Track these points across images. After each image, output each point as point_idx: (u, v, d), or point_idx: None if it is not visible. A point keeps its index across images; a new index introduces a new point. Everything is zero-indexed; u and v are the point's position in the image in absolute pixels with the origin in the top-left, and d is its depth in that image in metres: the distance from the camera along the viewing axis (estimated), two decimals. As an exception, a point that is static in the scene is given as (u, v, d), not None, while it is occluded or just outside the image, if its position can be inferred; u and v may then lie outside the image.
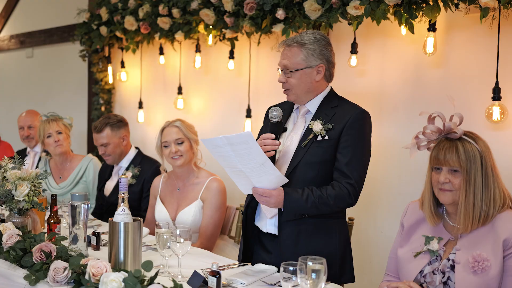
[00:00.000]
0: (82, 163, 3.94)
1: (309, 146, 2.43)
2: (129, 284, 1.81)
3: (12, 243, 2.31)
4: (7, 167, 2.58)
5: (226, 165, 2.37)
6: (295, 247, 2.42)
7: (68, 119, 3.96)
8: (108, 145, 3.65)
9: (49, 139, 3.82)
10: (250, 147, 2.20)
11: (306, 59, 2.44)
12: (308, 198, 2.34)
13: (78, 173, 3.91)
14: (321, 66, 2.46)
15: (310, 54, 2.44)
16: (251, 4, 3.66)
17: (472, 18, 3.01)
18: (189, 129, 3.20)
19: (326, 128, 2.42)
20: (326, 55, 2.48)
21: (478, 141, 2.09)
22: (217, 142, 2.26)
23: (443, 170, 2.08)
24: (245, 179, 2.36)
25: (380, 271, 2.53)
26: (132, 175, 3.62)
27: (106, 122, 3.67)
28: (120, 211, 2.17)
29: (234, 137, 2.21)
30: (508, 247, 2.01)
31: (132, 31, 4.64)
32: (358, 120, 2.42)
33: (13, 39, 6.61)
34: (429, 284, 2.11)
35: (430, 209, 2.16)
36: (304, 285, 1.80)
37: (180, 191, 3.20)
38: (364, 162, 2.43)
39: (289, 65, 2.46)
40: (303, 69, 2.45)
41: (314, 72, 2.46)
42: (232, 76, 4.29)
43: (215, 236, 3.13)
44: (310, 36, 2.47)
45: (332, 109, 2.47)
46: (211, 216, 3.09)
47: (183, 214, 3.11)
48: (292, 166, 2.44)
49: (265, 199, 2.35)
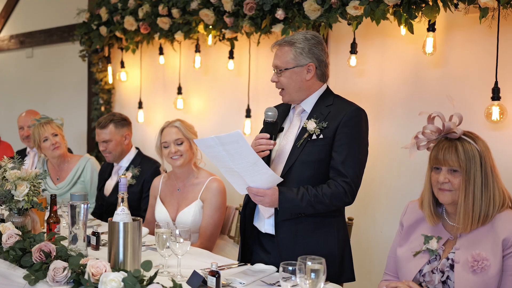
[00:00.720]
0: (80, 163, 3.94)
1: (304, 145, 2.42)
2: (128, 284, 1.81)
3: (11, 243, 2.31)
4: (6, 167, 2.58)
5: (220, 165, 2.38)
6: (293, 246, 2.41)
7: (59, 119, 3.95)
8: (109, 142, 3.66)
9: (46, 143, 3.81)
10: (241, 147, 2.21)
11: (295, 58, 2.45)
12: (303, 197, 2.34)
13: (75, 173, 3.91)
14: (310, 65, 2.46)
15: (299, 53, 2.45)
16: (251, 4, 3.66)
17: (472, 18, 3.01)
18: (188, 129, 3.21)
19: (320, 127, 2.41)
20: (316, 54, 2.47)
21: (478, 141, 2.09)
22: (209, 142, 2.27)
23: (443, 170, 2.09)
24: (239, 179, 2.36)
25: (380, 270, 2.53)
26: (132, 175, 3.62)
27: (111, 119, 3.69)
28: (120, 211, 2.17)
29: (224, 136, 2.21)
30: (507, 246, 2.01)
31: (132, 31, 4.64)
32: (352, 118, 2.40)
33: (13, 39, 6.61)
34: (428, 283, 2.11)
35: (429, 209, 2.16)
36: (303, 285, 1.80)
37: (180, 192, 3.20)
38: (360, 160, 2.41)
39: (280, 64, 2.48)
40: (292, 68, 2.46)
41: (304, 71, 2.47)
42: (232, 76, 4.29)
43: (215, 236, 3.13)
44: (300, 35, 2.48)
45: (327, 107, 2.46)
46: (210, 216, 3.09)
47: (183, 214, 3.12)
48: (287, 165, 2.44)
49: (259, 199, 2.35)
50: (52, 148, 3.81)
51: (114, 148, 3.67)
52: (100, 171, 3.91)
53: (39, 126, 3.82)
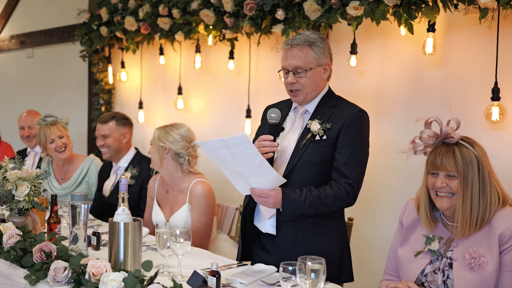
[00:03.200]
0: (84, 164, 3.98)
1: (307, 146, 2.43)
2: (129, 283, 1.82)
3: (12, 243, 2.31)
4: (7, 167, 2.58)
5: (223, 167, 2.38)
6: (294, 247, 2.42)
7: (64, 119, 3.99)
8: (108, 137, 3.69)
9: (52, 145, 3.86)
10: (247, 149, 2.21)
11: (317, 58, 2.46)
12: (306, 198, 2.34)
13: (80, 174, 3.94)
14: (328, 64, 2.50)
15: (321, 53, 2.46)
16: (251, 4, 3.67)
17: (471, 19, 3.02)
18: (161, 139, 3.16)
19: (324, 128, 2.42)
20: (331, 54, 2.53)
21: (475, 146, 2.09)
22: (213, 145, 2.27)
23: (440, 175, 2.08)
24: (243, 180, 2.37)
25: (380, 271, 2.53)
26: (131, 175, 3.63)
27: (113, 116, 3.75)
28: (120, 211, 2.18)
29: (230, 139, 2.21)
30: (503, 242, 2.01)
31: (132, 31, 4.65)
32: (356, 120, 2.42)
33: (14, 39, 6.62)
34: (431, 283, 2.11)
35: (426, 214, 2.16)
36: (303, 285, 1.81)
37: (170, 194, 3.20)
38: (362, 162, 2.43)
39: (302, 65, 2.45)
40: (315, 68, 2.47)
41: (322, 70, 2.49)
42: (232, 76, 4.30)
43: (207, 238, 3.10)
44: (315, 35, 2.48)
45: (330, 108, 2.48)
46: (197, 219, 3.07)
47: (174, 218, 3.11)
48: (290, 166, 2.44)
49: (263, 200, 2.35)
50: (58, 150, 3.86)
51: (111, 144, 3.69)
52: (100, 171, 3.92)
53: (45, 127, 3.87)
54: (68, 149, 3.92)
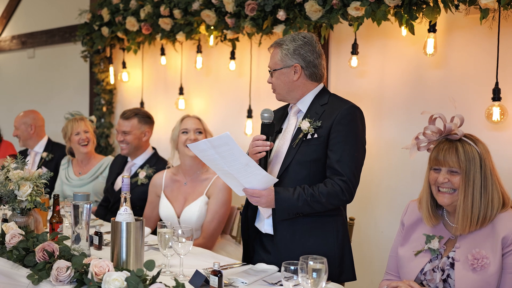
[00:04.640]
0: (103, 161, 4.09)
1: (299, 145, 2.42)
2: (131, 283, 1.82)
3: (15, 242, 2.32)
4: (10, 167, 2.59)
5: (216, 169, 2.38)
6: (292, 246, 2.42)
7: (92, 118, 4.17)
8: (129, 133, 3.68)
9: (76, 137, 3.97)
10: (232, 148, 2.21)
11: (282, 59, 2.47)
12: (299, 197, 2.33)
13: (98, 170, 4.04)
14: (297, 65, 2.46)
15: (285, 54, 2.47)
16: (252, 5, 3.67)
17: (472, 19, 3.02)
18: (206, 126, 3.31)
19: (314, 126, 2.41)
20: (303, 55, 2.46)
21: (478, 143, 2.10)
22: (202, 146, 2.28)
23: (442, 171, 2.09)
24: (235, 181, 2.37)
25: (381, 270, 2.54)
26: (145, 174, 3.62)
27: (136, 113, 3.74)
28: (122, 211, 2.18)
29: (214, 139, 2.22)
30: (507, 244, 2.02)
31: (134, 31, 4.66)
32: (346, 116, 2.38)
33: (15, 39, 6.63)
34: (429, 282, 2.12)
35: (427, 209, 2.17)
36: (305, 284, 1.82)
37: (188, 186, 3.21)
38: (356, 158, 2.39)
39: (270, 65, 2.53)
40: (280, 69, 2.48)
41: (291, 72, 2.47)
42: (233, 76, 4.31)
43: (217, 232, 3.13)
44: (290, 37, 2.50)
45: (322, 106, 2.46)
46: (216, 211, 3.09)
47: (188, 209, 3.11)
48: (284, 166, 2.44)
49: (255, 199, 2.35)
50: (81, 143, 3.98)
51: (131, 141, 3.68)
52: (112, 164, 3.93)
53: (73, 120, 4.01)
54: (90, 144, 4.02)
